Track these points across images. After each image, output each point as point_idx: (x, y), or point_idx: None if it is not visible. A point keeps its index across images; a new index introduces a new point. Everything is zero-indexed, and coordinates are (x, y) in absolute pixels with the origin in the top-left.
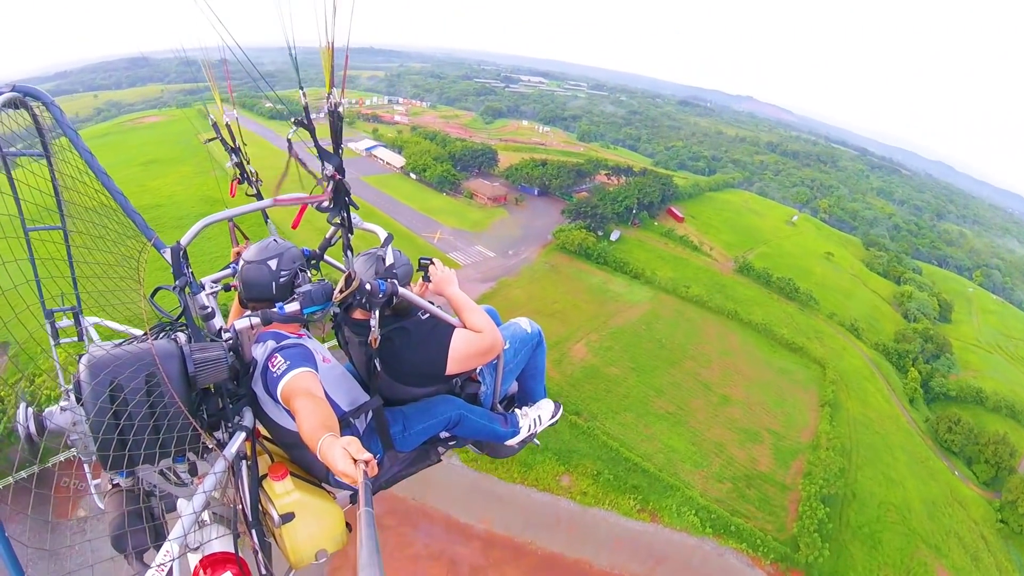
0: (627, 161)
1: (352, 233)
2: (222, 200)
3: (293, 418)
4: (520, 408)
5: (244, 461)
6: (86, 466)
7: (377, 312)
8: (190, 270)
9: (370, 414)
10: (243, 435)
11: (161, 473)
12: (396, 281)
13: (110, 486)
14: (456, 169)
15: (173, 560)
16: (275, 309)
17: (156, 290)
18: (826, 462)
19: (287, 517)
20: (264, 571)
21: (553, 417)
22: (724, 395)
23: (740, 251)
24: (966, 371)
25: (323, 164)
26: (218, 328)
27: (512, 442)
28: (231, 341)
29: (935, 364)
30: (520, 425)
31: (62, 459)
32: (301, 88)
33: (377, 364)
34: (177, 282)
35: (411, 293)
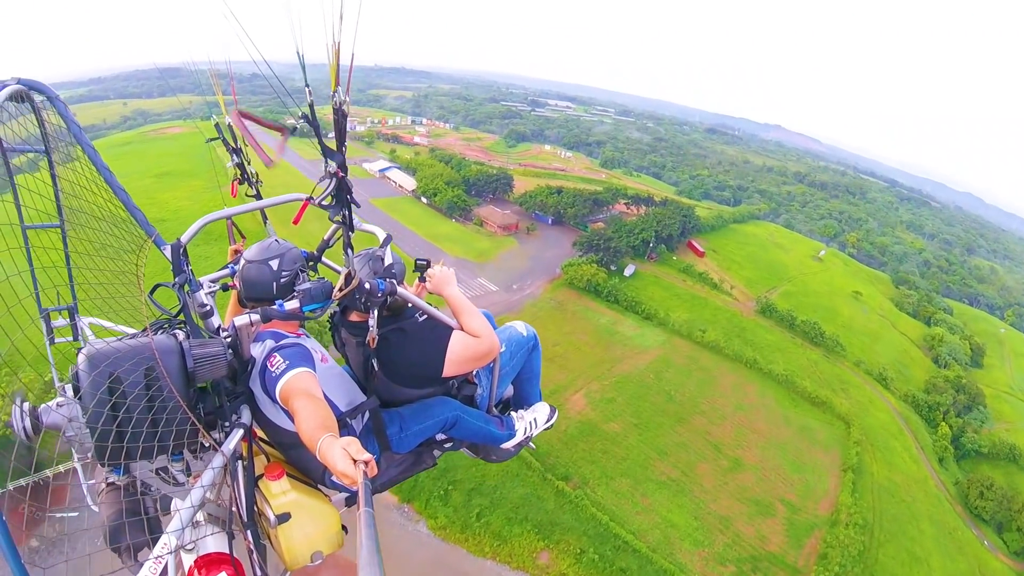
0: (648, 189)
1: (353, 232)
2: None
3: (291, 418)
4: (516, 411)
5: (240, 461)
6: (79, 467)
7: (375, 312)
8: (189, 268)
9: (367, 414)
10: (241, 432)
11: (157, 472)
12: (395, 281)
13: (104, 485)
14: (470, 194)
15: (170, 552)
16: (275, 306)
17: (155, 287)
18: (845, 542)
19: (283, 517)
20: (260, 572)
21: (548, 421)
22: (736, 458)
23: (763, 289)
24: (999, 423)
25: (326, 161)
26: (216, 327)
27: (508, 445)
28: (230, 339)
29: (967, 417)
30: (516, 428)
31: (62, 469)
32: (307, 85)
33: (375, 364)
34: (177, 279)
35: (410, 293)
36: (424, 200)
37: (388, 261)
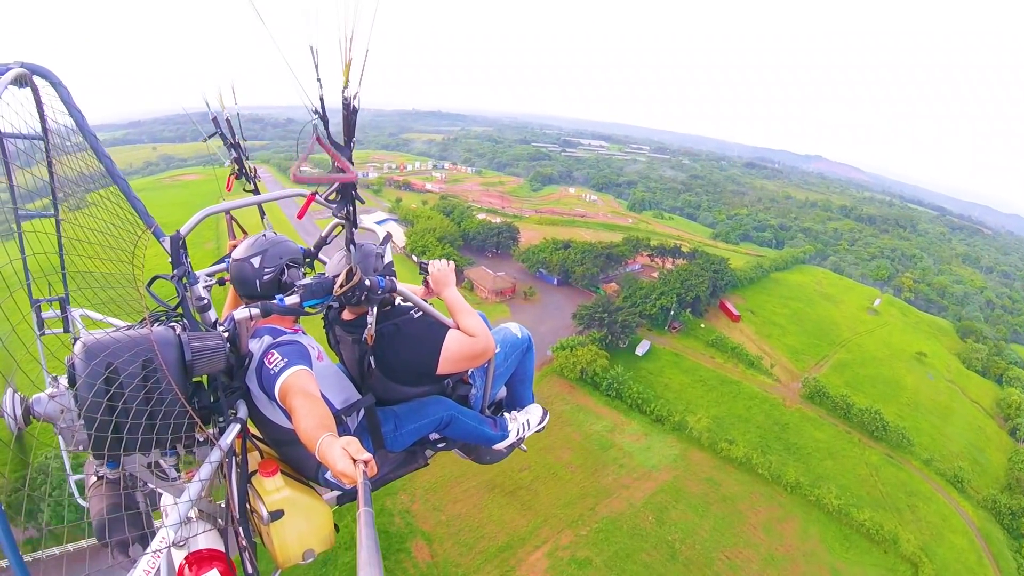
0: (679, 234)
1: (356, 228)
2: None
3: (286, 415)
4: (509, 412)
5: (233, 457)
6: (65, 457)
7: (374, 309)
8: (188, 261)
9: (362, 412)
10: (238, 427)
11: (149, 467)
12: (394, 278)
13: (94, 478)
14: (466, 250)
15: (168, 546)
16: (275, 301)
17: (153, 279)
18: None
19: (276, 514)
20: (252, 570)
21: (541, 423)
22: None
23: (811, 361)
24: None
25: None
26: (212, 320)
27: (500, 446)
28: (228, 333)
29: None
30: (509, 429)
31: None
32: (318, 80)
33: (371, 361)
34: (175, 272)
35: (408, 291)
36: (414, 259)
37: (387, 259)
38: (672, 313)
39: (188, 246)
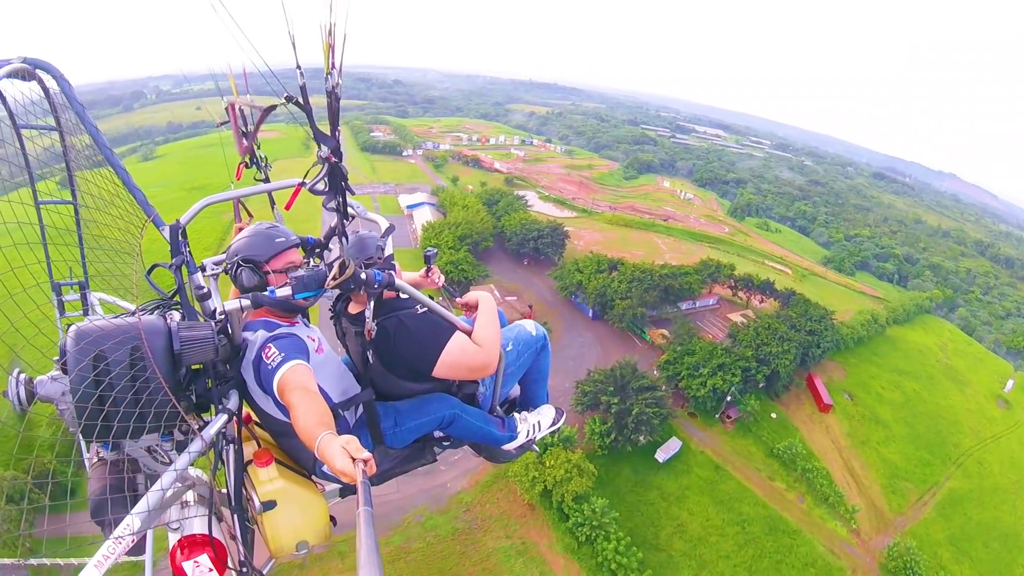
0: (781, 253)
1: (348, 220)
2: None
3: (280, 407)
4: (520, 412)
5: (232, 445)
6: (83, 443)
7: (372, 303)
8: (188, 249)
9: (361, 407)
10: (225, 417)
11: (148, 450)
12: (393, 272)
13: (96, 459)
14: (498, 254)
15: (132, 535)
16: (266, 293)
17: (153, 267)
18: None
19: (268, 505)
20: (242, 558)
21: (554, 424)
22: None
23: (913, 492)
24: None
25: (319, 146)
26: (212, 309)
27: (510, 447)
28: (221, 322)
29: None
30: (518, 430)
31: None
32: (298, 67)
33: (371, 356)
34: (174, 260)
35: (408, 286)
36: (427, 254)
37: (388, 251)
38: (729, 399)
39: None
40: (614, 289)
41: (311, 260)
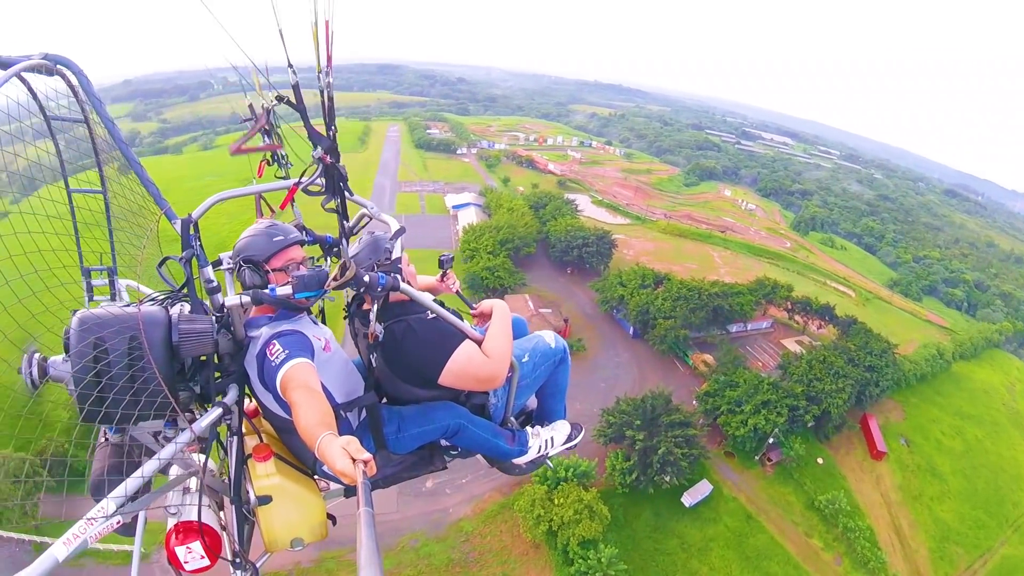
0: (845, 273)
1: (348, 221)
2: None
3: (281, 404)
4: (534, 426)
5: (236, 437)
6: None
7: (375, 306)
8: (199, 244)
9: (364, 410)
10: (219, 411)
11: (155, 435)
12: (399, 276)
13: (103, 439)
14: (541, 260)
15: (106, 518)
16: (267, 290)
17: (164, 259)
18: None
19: (264, 499)
20: (237, 548)
21: (569, 441)
22: None
23: (962, 560)
24: None
25: (314, 147)
26: (220, 303)
27: (520, 461)
28: (223, 317)
29: None
30: (529, 444)
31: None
32: (290, 66)
33: (374, 360)
34: (184, 253)
35: (415, 290)
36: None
37: (396, 254)
38: (771, 440)
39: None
40: (657, 307)
41: (328, 259)
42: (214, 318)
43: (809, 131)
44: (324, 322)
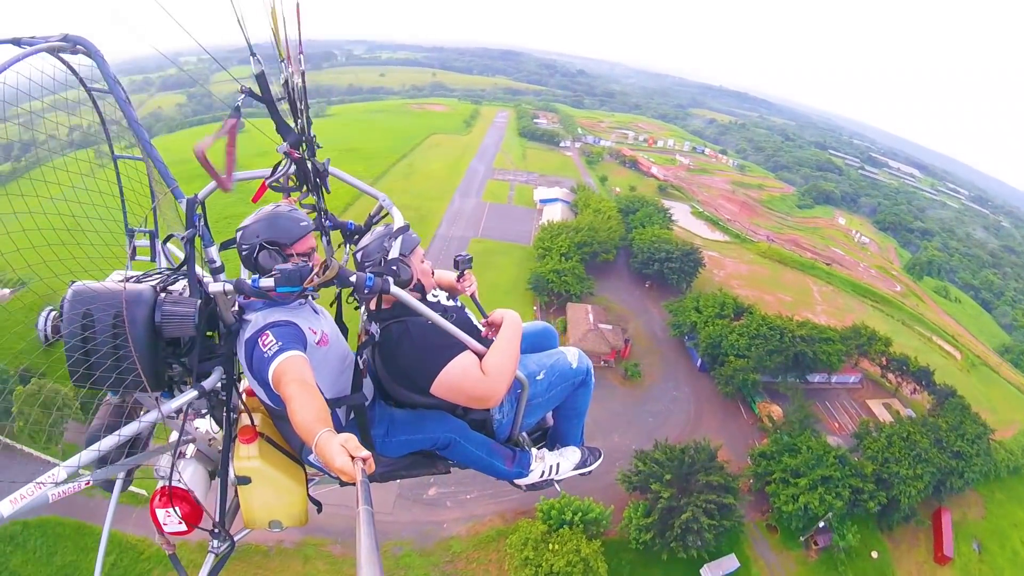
0: (955, 329)
1: (325, 217)
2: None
3: (268, 394)
4: (539, 449)
5: (232, 414)
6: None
7: (364, 307)
8: (203, 223)
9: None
10: (193, 393)
11: (158, 400)
12: (390, 278)
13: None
14: (618, 270)
15: (55, 483)
16: (249, 281)
17: (168, 237)
18: None
19: (242, 480)
20: (216, 519)
21: (581, 468)
22: None
23: None
24: None
25: (283, 140)
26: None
27: (521, 483)
28: (208, 301)
29: None
30: (531, 468)
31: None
32: (253, 55)
33: (361, 361)
34: (187, 233)
35: (407, 296)
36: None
37: (393, 253)
38: (822, 524)
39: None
40: (731, 342)
41: (347, 245)
42: (199, 301)
43: (939, 165)
44: (340, 313)
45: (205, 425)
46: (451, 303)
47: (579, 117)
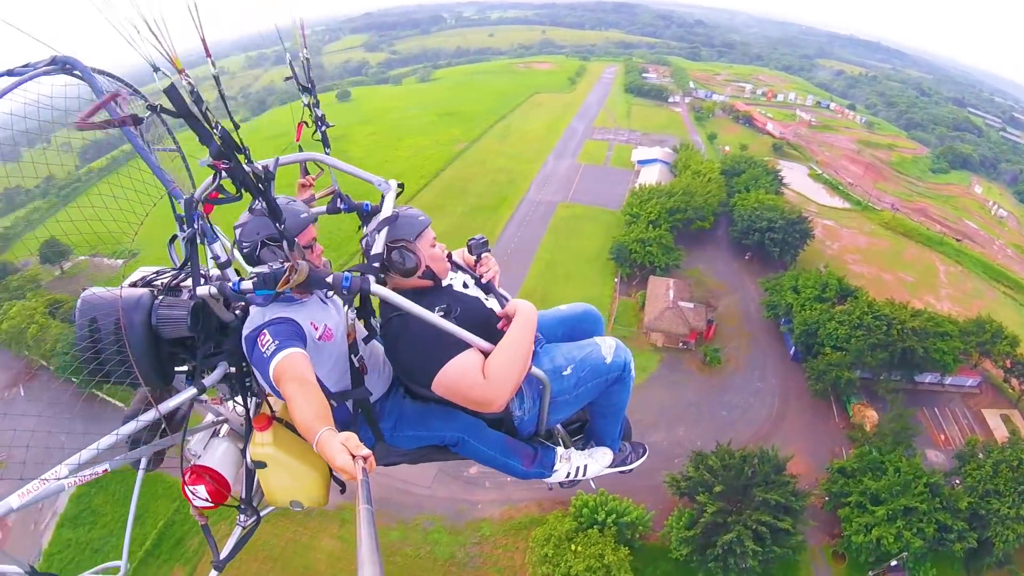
0: None
1: (280, 221)
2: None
3: (273, 389)
4: (567, 448)
5: (252, 400)
6: None
7: (347, 305)
8: (204, 222)
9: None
10: (193, 391)
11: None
12: (371, 277)
13: None
14: (714, 239)
15: (59, 480)
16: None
17: (173, 238)
18: None
19: (258, 464)
20: (242, 496)
21: (620, 466)
22: None
23: None
24: None
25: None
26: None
27: (548, 481)
28: (198, 303)
29: None
30: (555, 468)
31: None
32: (156, 70)
33: (356, 360)
34: (186, 232)
35: (394, 295)
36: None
37: (375, 249)
38: (895, 563)
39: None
40: (828, 330)
41: (365, 228)
42: (192, 303)
43: None
44: (363, 306)
45: (228, 407)
46: (467, 290)
47: (693, 70)
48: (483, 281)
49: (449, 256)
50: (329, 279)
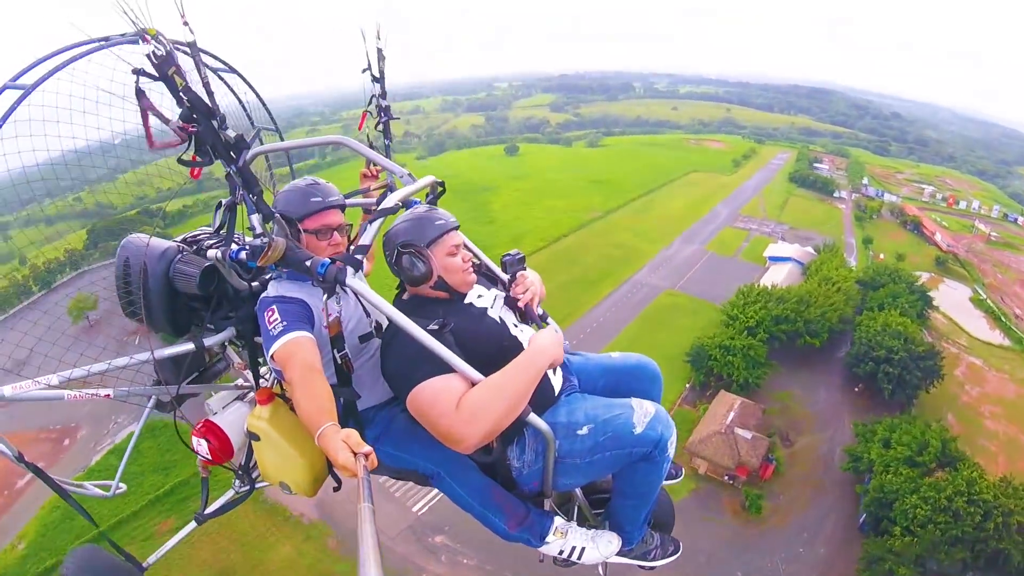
0: None
1: (253, 193)
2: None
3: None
4: (570, 520)
5: (264, 366)
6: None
7: (325, 296)
8: (244, 192)
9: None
10: (189, 346)
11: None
12: (350, 268)
13: None
14: (827, 358)
15: (59, 391)
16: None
17: (218, 204)
18: None
19: (253, 436)
20: (241, 462)
21: (641, 560)
22: None
23: None
24: None
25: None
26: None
27: (541, 551)
28: (210, 265)
29: None
30: (547, 539)
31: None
32: (138, 74)
33: (338, 356)
34: (226, 201)
35: (371, 292)
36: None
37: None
38: None
39: None
40: (906, 506)
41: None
42: (205, 264)
43: None
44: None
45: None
46: (490, 310)
47: (873, 165)
48: (519, 304)
49: (479, 268)
50: (309, 263)
